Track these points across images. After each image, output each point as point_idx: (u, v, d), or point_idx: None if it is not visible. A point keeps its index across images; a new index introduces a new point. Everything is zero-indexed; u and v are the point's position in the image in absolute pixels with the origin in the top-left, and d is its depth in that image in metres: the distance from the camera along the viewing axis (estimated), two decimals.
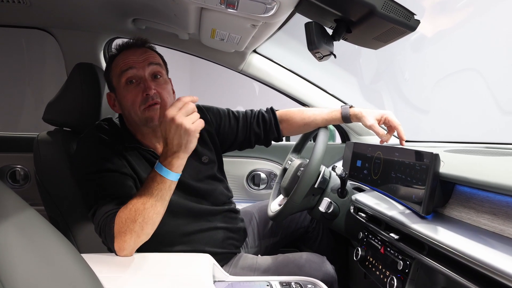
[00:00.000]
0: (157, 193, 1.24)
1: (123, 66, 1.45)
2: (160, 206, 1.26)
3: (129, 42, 1.52)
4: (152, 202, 1.23)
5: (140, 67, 1.44)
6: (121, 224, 1.23)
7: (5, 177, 2.24)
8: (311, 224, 1.98)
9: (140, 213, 1.22)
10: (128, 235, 1.22)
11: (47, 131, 1.70)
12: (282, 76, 2.32)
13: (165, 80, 1.50)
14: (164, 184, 1.25)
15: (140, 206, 1.23)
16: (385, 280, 1.23)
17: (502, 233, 0.93)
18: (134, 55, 1.46)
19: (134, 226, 1.22)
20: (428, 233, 1.03)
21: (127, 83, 1.45)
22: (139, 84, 1.43)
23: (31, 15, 1.91)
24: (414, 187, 1.19)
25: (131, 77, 1.44)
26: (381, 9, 1.06)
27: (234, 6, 1.27)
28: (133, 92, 1.43)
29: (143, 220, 1.22)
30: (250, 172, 2.52)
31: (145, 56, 1.46)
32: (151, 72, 1.46)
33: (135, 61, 1.44)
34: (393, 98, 3.12)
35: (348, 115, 1.67)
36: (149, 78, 1.45)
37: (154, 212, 1.24)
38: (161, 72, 1.49)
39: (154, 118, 1.42)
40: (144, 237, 1.25)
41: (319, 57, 1.31)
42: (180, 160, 1.26)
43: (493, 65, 2.10)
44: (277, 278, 1.33)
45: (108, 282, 0.98)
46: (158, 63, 1.48)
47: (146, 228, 1.24)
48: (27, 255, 0.67)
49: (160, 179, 1.24)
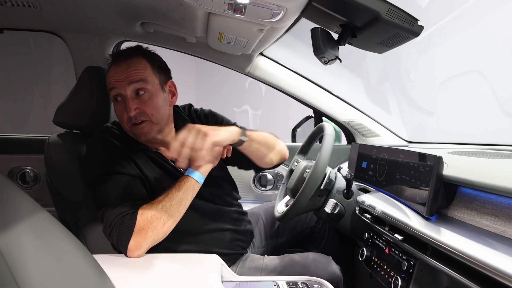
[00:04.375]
0: (183, 191, 1.34)
1: (108, 83, 1.48)
2: (183, 206, 1.35)
3: (115, 55, 1.52)
4: (177, 200, 1.33)
5: (121, 86, 1.44)
6: (145, 221, 1.28)
7: (15, 178, 2.27)
8: (317, 225, 2.00)
9: (166, 211, 1.30)
10: (149, 232, 1.27)
11: (58, 133, 1.72)
12: (288, 78, 2.33)
13: (151, 94, 1.47)
14: (190, 183, 1.36)
15: (167, 203, 1.32)
16: (390, 280, 1.25)
17: (503, 234, 0.95)
18: (117, 73, 1.46)
19: (157, 223, 1.28)
20: (431, 234, 1.05)
21: (115, 99, 1.49)
22: (124, 102, 1.46)
23: (41, 19, 1.94)
24: (418, 188, 1.21)
25: (116, 96, 1.47)
26: (386, 15, 1.08)
27: (242, 12, 1.29)
28: (120, 109, 1.47)
29: (167, 218, 1.30)
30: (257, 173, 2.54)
31: (127, 74, 1.45)
32: (132, 90, 1.45)
33: (117, 80, 1.45)
34: (398, 99, 3.12)
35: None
36: (131, 97, 1.44)
37: (177, 210, 1.33)
38: (145, 87, 1.46)
39: (141, 135, 1.47)
40: (161, 236, 1.31)
41: (324, 61, 1.34)
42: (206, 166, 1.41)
43: (496, 67, 2.11)
44: (284, 278, 1.34)
45: (119, 282, 1.00)
46: (139, 79, 1.45)
47: (167, 226, 1.32)
48: (41, 255, 0.68)
49: (186, 179, 1.36)
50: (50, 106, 3.78)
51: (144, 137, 1.48)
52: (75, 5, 1.75)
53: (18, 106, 3.83)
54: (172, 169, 1.54)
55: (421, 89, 2.88)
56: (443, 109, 2.66)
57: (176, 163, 1.36)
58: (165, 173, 1.53)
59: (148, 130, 1.47)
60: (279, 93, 2.41)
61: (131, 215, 1.29)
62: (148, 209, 1.30)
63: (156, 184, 1.48)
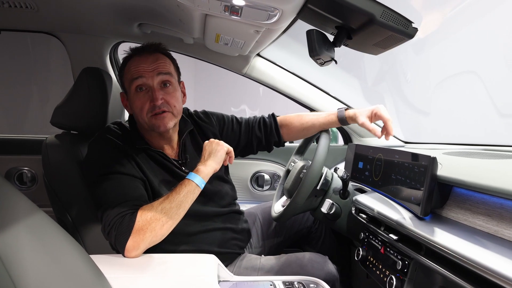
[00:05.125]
0: (183, 194, 1.36)
1: (134, 73, 1.49)
2: (182, 209, 1.36)
3: (142, 47, 1.55)
4: (177, 203, 1.34)
5: (149, 76, 1.48)
6: (144, 222, 1.29)
7: (12, 179, 2.27)
8: (314, 225, 2.01)
9: (166, 212, 1.31)
10: (147, 233, 1.28)
11: (55, 134, 1.73)
12: (285, 79, 2.35)
13: (174, 88, 1.54)
14: (191, 186, 1.38)
15: (167, 205, 1.33)
16: (385, 280, 1.26)
17: (496, 234, 0.96)
18: (145, 63, 1.49)
19: (156, 225, 1.29)
20: (425, 234, 1.06)
21: (136, 90, 1.49)
22: (148, 92, 1.48)
23: (39, 20, 1.94)
24: (413, 189, 1.22)
25: (141, 85, 1.48)
26: (380, 17, 1.09)
27: (238, 14, 1.29)
28: (142, 100, 1.48)
29: (166, 220, 1.31)
30: (254, 173, 2.55)
31: (155, 65, 1.49)
32: (159, 81, 1.49)
33: (145, 70, 1.48)
34: (395, 99, 3.13)
35: (344, 117, 1.69)
36: (158, 88, 1.48)
37: (176, 213, 1.34)
38: (170, 80, 1.52)
39: (160, 125, 1.48)
40: (159, 237, 1.32)
41: (320, 63, 1.35)
42: (208, 168, 1.45)
43: (491, 68, 2.12)
44: (280, 278, 1.35)
45: (116, 282, 1.00)
46: (167, 72, 1.51)
47: (166, 228, 1.32)
48: (38, 256, 0.69)
49: (187, 182, 1.38)
50: (47, 107, 3.78)
51: (164, 127, 1.49)
52: (72, 6, 1.75)
53: (16, 106, 3.83)
54: (174, 168, 1.55)
55: (418, 89, 2.88)
56: (438, 110, 2.66)
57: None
58: (166, 172, 1.55)
59: (168, 120, 1.50)
60: (276, 93, 2.41)
61: (131, 215, 1.30)
62: (147, 210, 1.31)
63: (157, 183, 1.50)
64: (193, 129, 1.70)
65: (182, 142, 1.63)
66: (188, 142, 1.66)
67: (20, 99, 3.83)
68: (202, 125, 1.74)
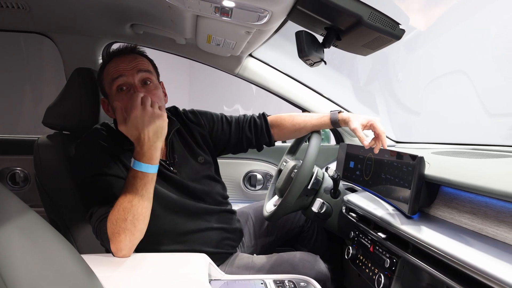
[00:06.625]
0: (141, 189, 1.28)
1: (114, 73, 1.48)
2: (147, 201, 1.30)
3: (118, 49, 1.54)
4: (138, 199, 1.27)
5: (130, 74, 1.47)
6: (112, 226, 1.26)
7: (5, 179, 2.27)
8: (306, 224, 2.02)
9: (129, 211, 1.26)
10: (122, 234, 1.25)
11: (47, 134, 1.73)
12: (277, 79, 2.36)
13: (155, 86, 1.52)
14: (147, 178, 1.30)
15: (128, 204, 1.27)
16: (374, 278, 1.27)
17: (480, 231, 0.98)
18: (124, 62, 1.48)
19: (126, 225, 1.25)
20: (411, 232, 1.07)
21: (118, 91, 1.48)
22: (129, 91, 1.47)
23: (31, 20, 1.93)
24: (401, 188, 1.24)
25: (122, 85, 1.47)
26: (368, 19, 1.10)
27: (228, 15, 1.30)
28: (124, 99, 1.45)
29: (133, 217, 1.26)
30: (246, 173, 2.56)
31: (134, 63, 1.48)
32: (140, 79, 1.48)
33: (125, 69, 1.47)
34: (386, 99, 3.15)
35: (336, 120, 1.68)
36: (139, 85, 1.47)
37: (143, 207, 1.28)
38: (151, 78, 1.51)
39: None
40: (138, 234, 1.29)
41: (309, 63, 1.36)
42: (157, 151, 1.32)
43: (480, 68, 2.14)
44: (271, 277, 1.36)
45: (107, 281, 1.01)
46: (147, 70, 1.51)
47: (138, 224, 1.27)
48: (29, 256, 0.69)
49: (142, 175, 1.29)
50: (40, 107, 3.77)
51: None
52: (64, 6, 1.75)
53: (8, 107, 3.82)
54: (161, 168, 1.54)
55: (409, 89, 2.91)
56: (428, 109, 2.69)
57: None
58: None
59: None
60: (270, 93, 2.43)
61: (105, 220, 1.29)
62: (112, 214, 1.28)
63: None
64: (180, 128, 1.68)
65: (169, 141, 1.62)
66: (176, 141, 1.64)
67: (13, 100, 3.82)
68: (189, 124, 1.73)
